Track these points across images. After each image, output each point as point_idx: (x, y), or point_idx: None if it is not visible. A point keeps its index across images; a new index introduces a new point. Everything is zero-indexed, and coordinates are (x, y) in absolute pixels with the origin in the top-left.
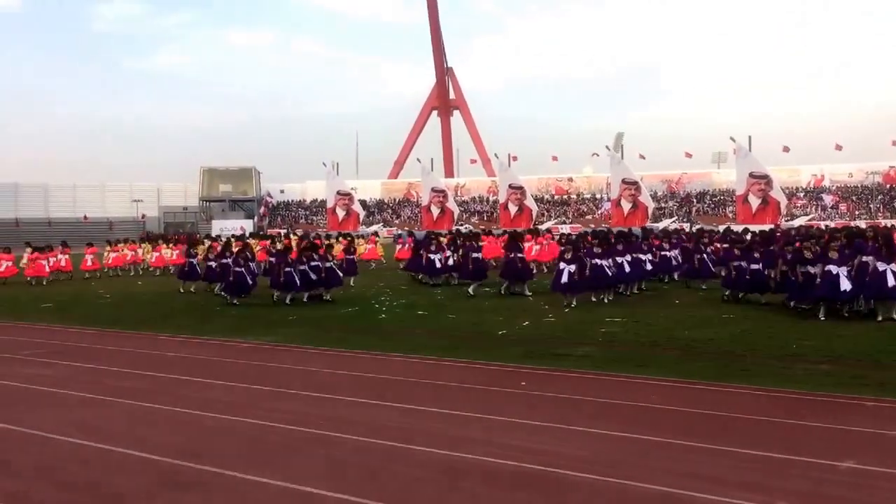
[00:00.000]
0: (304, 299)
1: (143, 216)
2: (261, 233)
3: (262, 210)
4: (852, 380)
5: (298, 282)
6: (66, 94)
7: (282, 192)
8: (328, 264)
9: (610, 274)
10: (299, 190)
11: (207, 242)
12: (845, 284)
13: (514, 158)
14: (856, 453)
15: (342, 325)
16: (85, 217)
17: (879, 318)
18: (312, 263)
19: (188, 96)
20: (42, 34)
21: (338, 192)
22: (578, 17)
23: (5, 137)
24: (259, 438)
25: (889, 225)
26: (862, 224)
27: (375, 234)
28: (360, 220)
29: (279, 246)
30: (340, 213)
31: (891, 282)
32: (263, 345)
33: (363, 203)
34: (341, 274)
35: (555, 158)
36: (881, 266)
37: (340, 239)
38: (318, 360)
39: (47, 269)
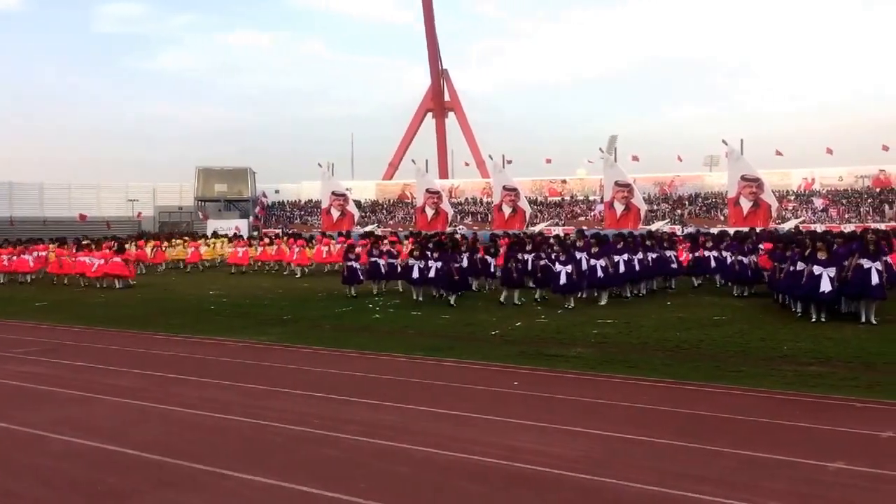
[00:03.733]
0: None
1: (140, 214)
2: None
3: (257, 210)
4: (842, 381)
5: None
6: (62, 94)
7: (277, 192)
8: (543, 262)
9: (603, 274)
10: (294, 190)
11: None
12: (825, 286)
13: (509, 161)
14: (846, 454)
15: (336, 324)
16: (81, 216)
17: (864, 320)
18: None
19: (184, 96)
20: (40, 34)
21: (333, 193)
22: (572, 22)
23: (1, 136)
24: (252, 437)
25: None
26: (851, 227)
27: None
28: (355, 220)
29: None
30: (335, 214)
31: (874, 280)
32: (257, 344)
33: (358, 204)
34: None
35: (549, 161)
36: (866, 263)
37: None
38: (312, 360)
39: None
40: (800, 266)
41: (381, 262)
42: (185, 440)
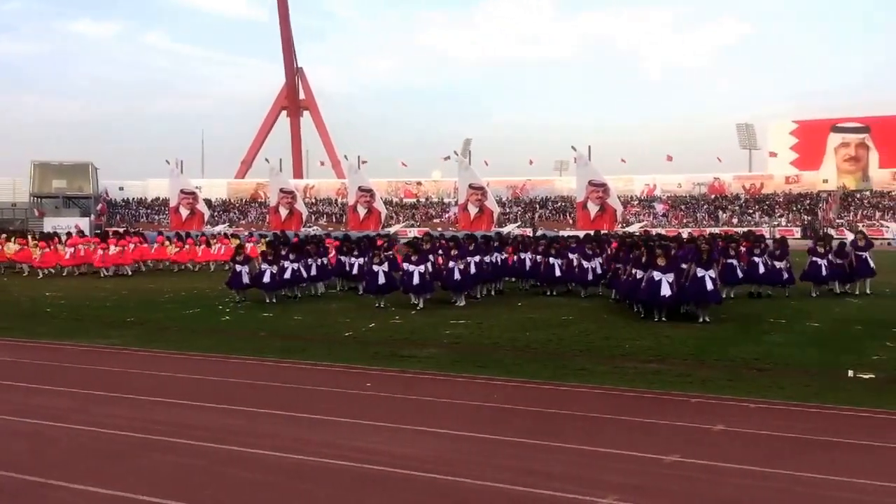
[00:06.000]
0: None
1: None
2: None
3: (99, 207)
4: (678, 378)
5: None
6: None
7: (121, 189)
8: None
9: (459, 277)
10: (140, 188)
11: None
12: (665, 290)
13: (364, 162)
14: (680, 447)
15: (183, 326)
16: None
17: (701, 320)
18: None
19: (22, 87)
20: None
21: (181, 191)
22: (428, 25)
23: None
24: (88, 446)
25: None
26: (689, 231)
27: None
28: (205, 220)
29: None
30: (184, 213)
31: (709, 286)
32: (98, 348)
33: (208, 202)
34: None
35: (404, 164)
36: (700, 272)
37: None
38: (157, 364)
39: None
40: (640, 273)
41: (245, 269)
42: (11, 451)
